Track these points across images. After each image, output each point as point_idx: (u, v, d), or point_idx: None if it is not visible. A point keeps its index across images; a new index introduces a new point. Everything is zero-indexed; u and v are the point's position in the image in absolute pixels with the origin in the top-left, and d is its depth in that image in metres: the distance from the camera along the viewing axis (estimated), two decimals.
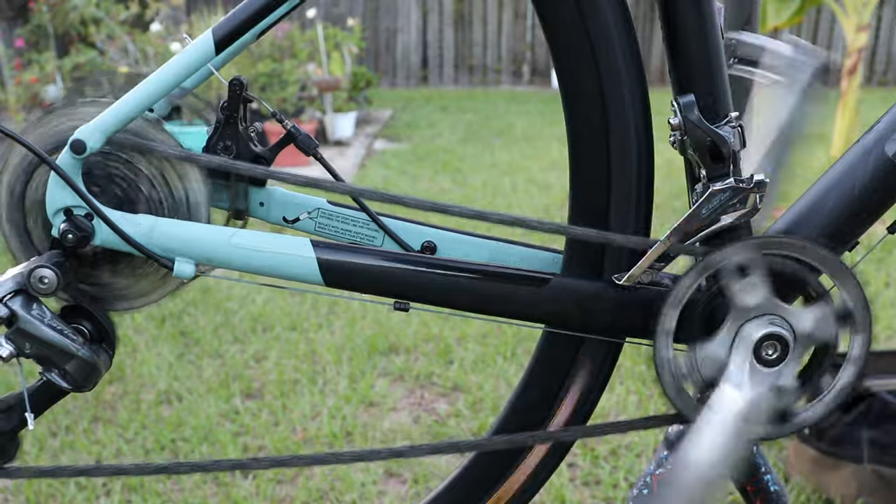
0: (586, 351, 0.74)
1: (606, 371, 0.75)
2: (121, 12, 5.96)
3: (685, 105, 0.65)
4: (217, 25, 0.66)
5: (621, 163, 0.68)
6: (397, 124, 6.33)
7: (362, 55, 7.51)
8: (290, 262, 0.68)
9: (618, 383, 1.84)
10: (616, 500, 1.44)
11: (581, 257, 0.71)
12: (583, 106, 0.67)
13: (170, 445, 1.62)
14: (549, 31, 0.67)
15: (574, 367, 0.75)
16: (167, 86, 0.66)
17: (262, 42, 5.28)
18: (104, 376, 0.70)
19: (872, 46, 8.48)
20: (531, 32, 9.02)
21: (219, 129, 0.72)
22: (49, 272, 0.65)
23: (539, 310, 0.69)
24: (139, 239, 0.67)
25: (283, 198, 0.77)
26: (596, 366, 0.74)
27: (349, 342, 2.09)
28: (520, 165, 4.55)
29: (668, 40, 0.66)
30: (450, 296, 0.69)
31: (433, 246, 0.77)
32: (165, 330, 2.16)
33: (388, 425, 1.69)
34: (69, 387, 0.67)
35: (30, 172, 0.68)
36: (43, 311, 0.66)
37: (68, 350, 0.66)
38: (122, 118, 0.65)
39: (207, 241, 0.68)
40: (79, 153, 0.65)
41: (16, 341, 0.65)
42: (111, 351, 0.70)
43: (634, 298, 0.68)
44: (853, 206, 0.69)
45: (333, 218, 0.77)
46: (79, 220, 0.67)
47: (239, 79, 0.71)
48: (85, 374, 0.67)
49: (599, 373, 0.75)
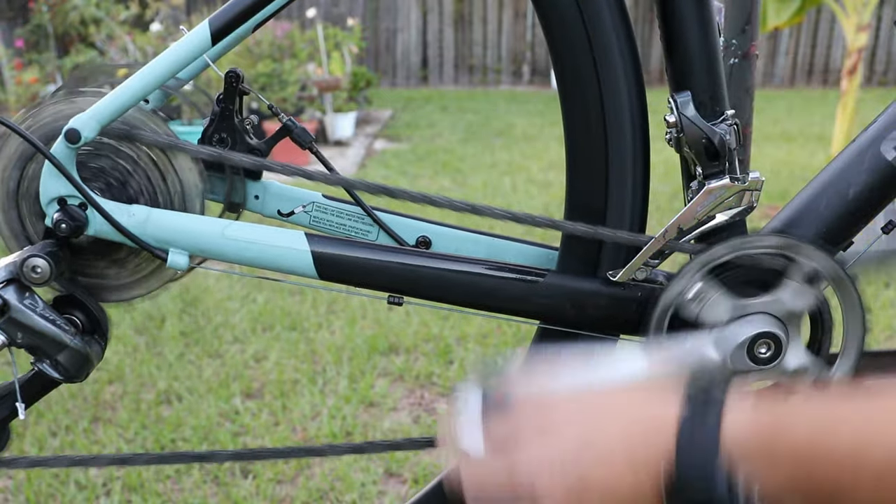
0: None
1: None
2: (121, 12, 5.96)
3: (681, 102, 0.65)
4: (213, 16, 0.66)
5: (618, 162, 0.68)
6: (397, 124, 6.33)
7: (362, 55, 7.51)
8: (285, 254, 0.68)
9: None
10: None
11: (576, 254, 0.71)
12: (581, 106, 0.67)
13: (170, 445, 1.62)
14: (548, 31, 0.67)
15: None
16: (162, 76, 0.66)
17: (262, 42, 5.28)
18: (104, 377, 0.70)
19: (872, 46, 8.48)
20: (531, 32, 9.01)
21: (214, 120, 0.71)
22: (42, 262, 0.64)
23: (533, 305, 0.69)
24: (133, 229, 0.67)
25: (278, 191, 0.77)
26: None
27: (349, 342, 2.09)
28: (520, 165, 4.55)
29: (666, 38, 0.66)
30: (444, 290, 0.69)
31: (428, 241, 0.77)
32: (165, 330, 2.16)
33: (388, 425, 1.69)
34: (60, 377, 0.67)
35: (24, 162, 0.68)
36: (35, 301, 0.66)
37: (60, 340, 0.66)
38: (117, 108, 0.65)
39: (201, 232, 0.67)
40: (73, 142, 0.65)
41: (7, 331, 0.65)
42: (103, 342, 0.70)
43: (628, 295, 0.68)
44: (847, 206, 0.69)
45: (328, 212, 0.77)
46: (72, 209, 0.66)
47: (235, 71, 0.71)
48: (77, 364, 0.67)
49: None
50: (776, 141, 5.23)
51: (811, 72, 8.81)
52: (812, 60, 8.77)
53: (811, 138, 5.38)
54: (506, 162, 4.67)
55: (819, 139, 5.30)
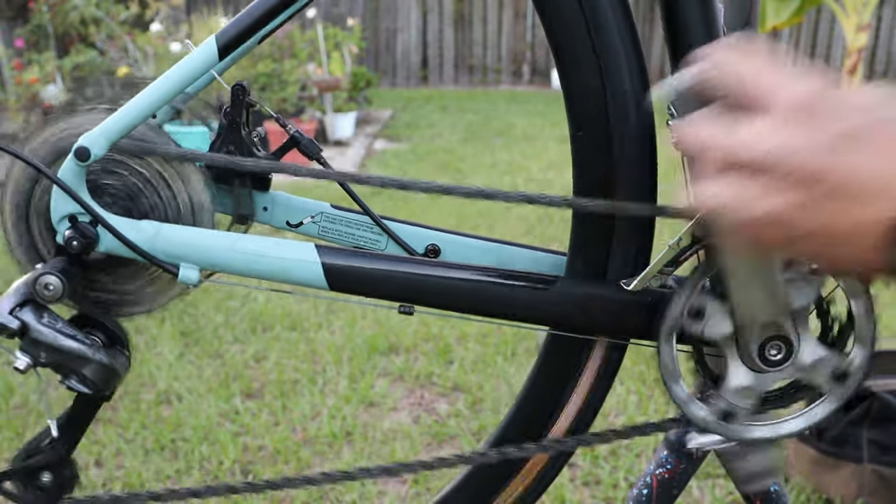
0: (591, 353, 0.74)
1: (611, 373, 0.75)
2: (121, 12, 5.96)
3: None
4: (220, 32, 0.66)
5: (624, 162, 0.68)
6: (397, 124, 6.33)
7: (362, 55, 7.51)
8: (295, 267, 0.68)
9: (618, 383, 1.84)
10: (616, 500, 1.44)
11: (585, 259, 0.71)
12: (585, 105, 0.67)
13: (170, 445, 1.62)
14: (549, 29, 0.67)
15: (578, 369, 0.75)
16: (171, 92, 0.66)
17: (262, 42, 5.28)
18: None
19: (872, 46, 8.48)
20: (531, 32, 9.01)
21: (222, 134, 0.72)
22: (54, 279, 0.64)
23: (543, 312, 0.69)
24: (143, 245, 0.67)
25: (286, 202, 0.77)
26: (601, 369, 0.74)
27: (349, 342, 2.09)
28: (520, 165, 4.55)
29: (670, 38, 0.66)
30: (454, 299, 0.69)
31: (437, 249, 0.77)
32: (165, 330, 2.16)
33: (388, 425, 1.69)
34: (89, 391, 0.68)
35: (33, 181, 0.68)
36: (54, 319, 0.66)
37: (83, 354, 0.66)
38: (126, 124, 0.65)
39: (211, 246, 0.67)
40: (83, 160, 0.65)
41: (30, 351, 0.65)
42: (127, 353, 0.71)
43: (639, 300, 0.68)
44: None
45: (337, 222, 0.77)
46: (83, 226, 0.66)
47: (241, 84, 0.71)
48: (104, 376, 0.67)
49: (603, 376, 0.75)
50: None
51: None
52: (812, 60, 8.78)
53: None
54: (506, 162, 4.67)
55: None
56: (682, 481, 0.92)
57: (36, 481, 0.72)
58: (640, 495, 0.94)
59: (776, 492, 0.94)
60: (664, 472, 0.93)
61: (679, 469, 0.91)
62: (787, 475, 1.47)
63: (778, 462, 0.79)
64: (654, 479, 0.93)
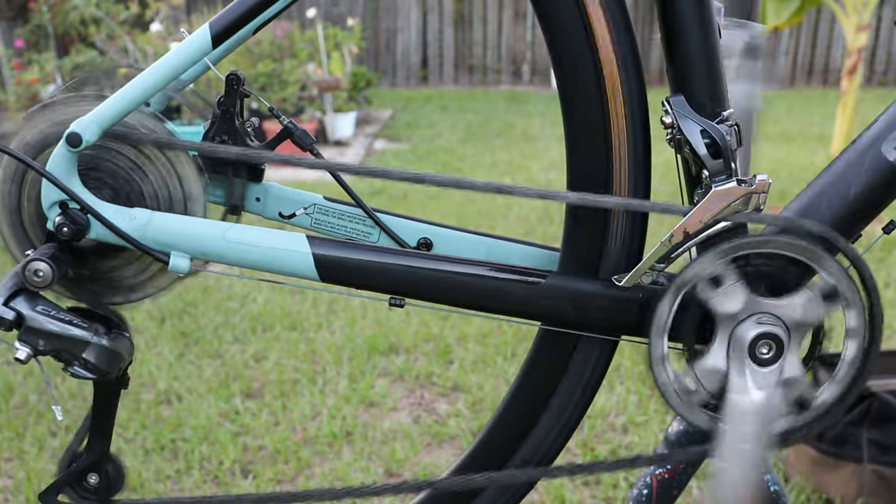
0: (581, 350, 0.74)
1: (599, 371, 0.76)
2: (121, 12, 5.97)
3: (675, 102, 0.66)
4: (214, 19, 0.66)
5: (620, 162, 0.68)
6: (397, 124, 6.33)
7: (362, 55, 7.51)
8: (286, 257, 0.68)
9: (618, 383, 1.84)
10: (616, 500, 1.44)
11: (578, 255, 0.71)
12: (581, 106, 0.67)
13: (170, 445, 1.62)
14: (547, 31, 0.67)
15: (568, 366, 0.75)
16: (164, 79, 0.66)
17: (262, 42, 5.28)
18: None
19: (872, 46, 8.48)
20: (531, 32, 9.01)
21: (215, 123, 0.72)
22: (44, 265, 0.64)
23: (534, 307, 0.69)
24: (134, 233, 0.67)
25: (279, 193, 0.77)
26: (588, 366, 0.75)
27: (349, 342, 2.09)
28: (520, 165, 4.55)
29: (666, 38, 0.66)
30: (445, 292, 0.69)
31: (429, 242, 0.77)
32: (165, 330, 2.16)
33: (388, 425, 1.69)
34: (93, 376, 0.67)
35: (24, 170, 0.68)
36: (49, 306, 0.66)
37: (83, 339, 0.66)
38: (118, 111, 0.65)
39: (202, 235, 0.67)
40: (75, 146, 0.65)
41: (29, 341, 0.65)
42: (128, 335, 0.70)
43: (630, 296, 0.69)
44: (848, 206, 0.69)
45: (330, 214, 0.77)
46: (74, 213, 0.66)
47: (236, 73, 0.71)
48: (107, 360, 0.66)
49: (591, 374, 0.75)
50: (776, 141, 5.23)
51: (811, 72, 8.81)
52: (812, 60, 8.78)
53: (811, 138, 5.38)
54: (506, 162, 4.67)
55: (819, 139, 5.30)
56: (682, 481, 0.92)
57: (85, 485, 0.71)
58: (640, 495, 0.94)
59: (776, 492, 0.94)
60: (664, 472, 0.93)
61: (679, 469, 0.91)
62: (787, 475, 1.47)
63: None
64: (654, 479, 0.93)
